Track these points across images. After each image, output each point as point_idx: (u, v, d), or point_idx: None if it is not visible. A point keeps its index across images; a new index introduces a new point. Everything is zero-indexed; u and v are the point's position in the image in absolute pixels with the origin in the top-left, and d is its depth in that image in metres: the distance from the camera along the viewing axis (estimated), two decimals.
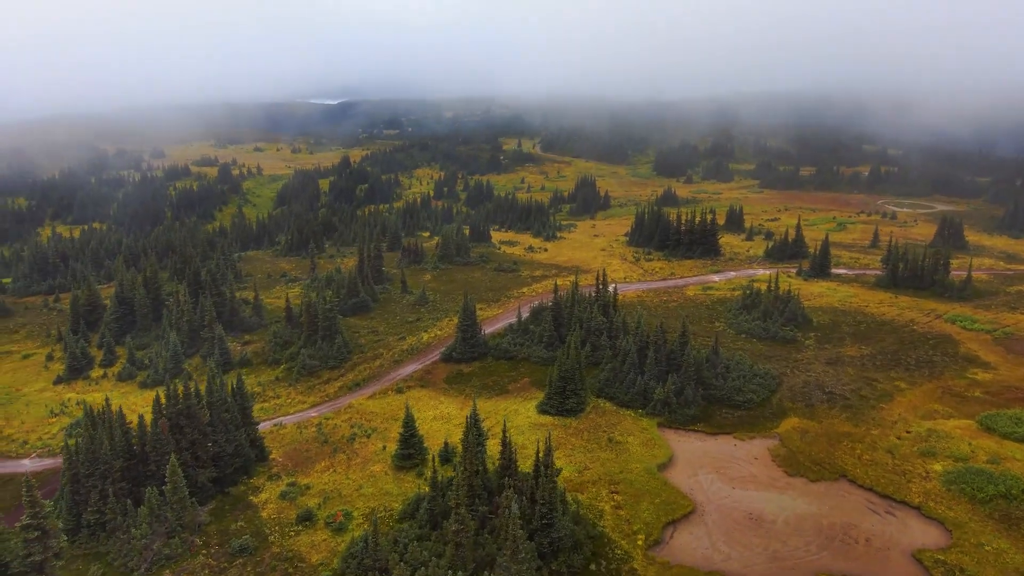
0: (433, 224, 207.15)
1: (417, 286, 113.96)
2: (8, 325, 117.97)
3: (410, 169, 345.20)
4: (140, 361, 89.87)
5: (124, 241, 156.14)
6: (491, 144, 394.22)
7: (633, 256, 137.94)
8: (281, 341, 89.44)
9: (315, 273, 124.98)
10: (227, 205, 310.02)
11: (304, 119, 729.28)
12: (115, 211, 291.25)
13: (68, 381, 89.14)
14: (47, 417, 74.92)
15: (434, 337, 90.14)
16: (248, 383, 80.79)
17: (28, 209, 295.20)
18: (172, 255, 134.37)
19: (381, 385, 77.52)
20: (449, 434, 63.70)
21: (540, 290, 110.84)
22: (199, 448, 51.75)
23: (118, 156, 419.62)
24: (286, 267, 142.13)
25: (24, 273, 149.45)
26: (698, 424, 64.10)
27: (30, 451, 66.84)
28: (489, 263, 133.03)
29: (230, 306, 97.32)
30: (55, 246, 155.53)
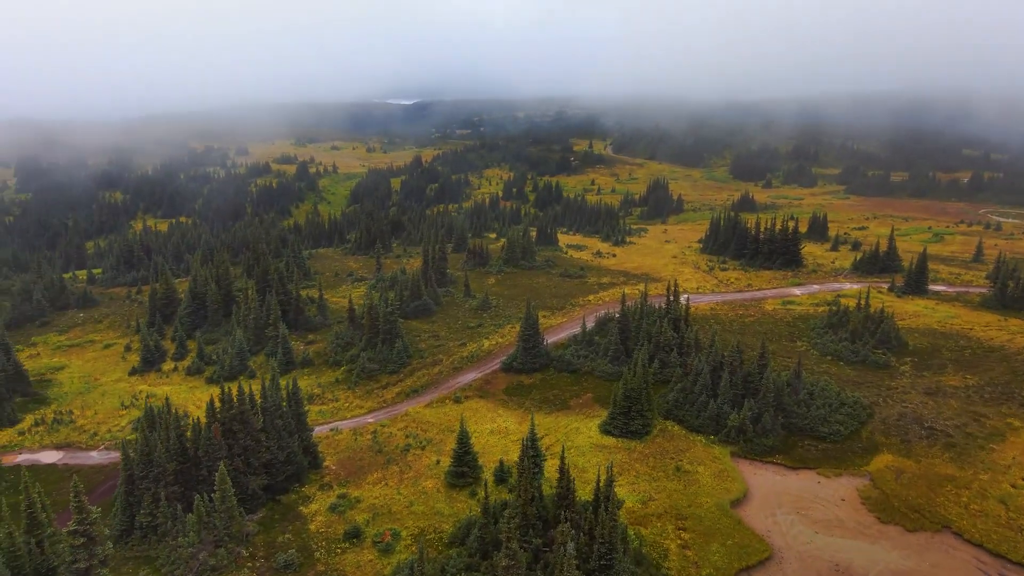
0: (500, 225, 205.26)
1: (480, 290, 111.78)
2: (93, 315, 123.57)
3: (480, 169, 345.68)
4: (208, 356, 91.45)
5: (203, 236, 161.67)
6: (562, 145, 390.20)
7: (707, 265, 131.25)
8: (343, 342, 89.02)
9: (380, 273, 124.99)
10: (303, 202, 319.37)
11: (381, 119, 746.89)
12: (200, 206, 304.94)
13: (142, 373, 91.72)
14: (118, 409, 76.82)
15: (495, 344, 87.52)
16: (308, 384, 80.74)
17: (123, 203, 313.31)
18: (246, 252, 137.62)
19: (439, 393, 75.47)
20: (506, 451, 60.76)
21: (607, 299, 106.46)
22: (251, 455, 50.86)
23: (206, 153, 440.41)
24: (353, 266, 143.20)
25: (111, 265, 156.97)
26: (777, 456, 58.59)
27: (99, 443, 68.37)
28: (555, 268, 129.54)
29: (295, 305, 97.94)
30: (141, 239, 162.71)
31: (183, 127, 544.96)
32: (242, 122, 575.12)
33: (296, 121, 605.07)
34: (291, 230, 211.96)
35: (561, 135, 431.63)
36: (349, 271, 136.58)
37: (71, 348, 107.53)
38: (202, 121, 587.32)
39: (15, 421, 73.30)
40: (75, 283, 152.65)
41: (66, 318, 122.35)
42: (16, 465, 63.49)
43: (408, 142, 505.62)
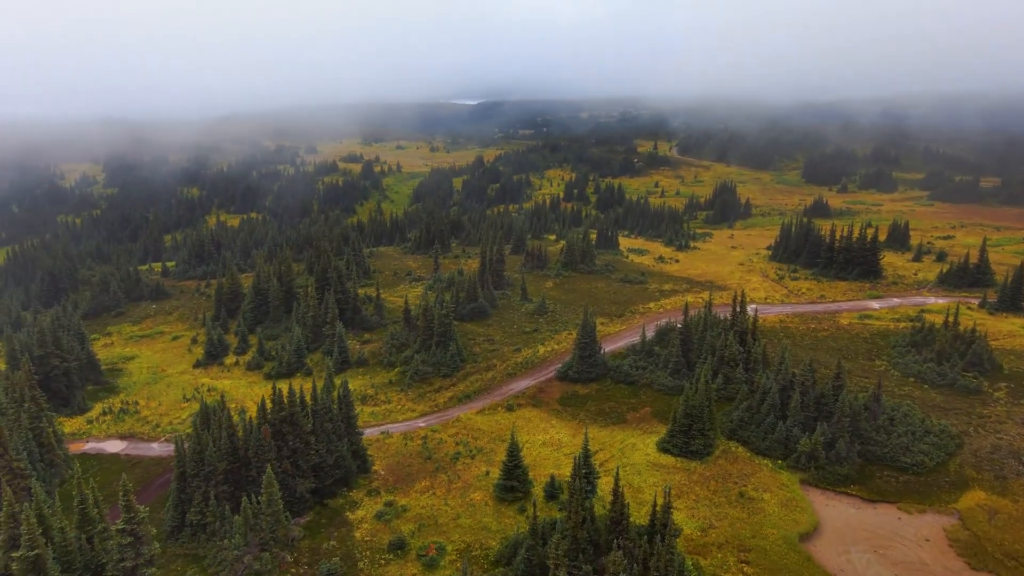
0: (560, 227, 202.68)
1: (537, 294, 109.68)
2: (164, 307, 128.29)
3: (541, 170, 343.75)
4: (268, 352, 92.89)
5: (270, 233, 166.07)
6: (625, 146, 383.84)
7: (776, 273, 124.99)
8: (397, 343, 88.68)
9: (438, 273, 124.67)
10: (367, 200, 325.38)
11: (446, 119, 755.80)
12: (270, 203, 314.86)
13: (205, 366, 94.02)
14: (180, 401, 78.67)
15: (551, 351, 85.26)
16: (362, 384, 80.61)
17: (200, 198, 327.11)
18: (308, 249, 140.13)
19: (491, 399, 73.83)
20: (558, 465, 58.49)
21: (669, 307, 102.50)
22: (300, 457, 50.48)
23: (278, 152, 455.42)
24: (412, 265, 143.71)
25: (184, 258, 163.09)
26: (852, 487, 54.05)
27: (160, 435, 69.99)
28: (615, 273, 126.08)
29: (353, 304, 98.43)
30: (212, 234, 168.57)
31: (259, 126, 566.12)
32: (313, 121, 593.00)
33: (364, 121, 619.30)
34: (354, 228, 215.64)
35: (625, 136, 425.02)
36: (408, 270, 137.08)
37: (142, 339, 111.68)
38: (277, 120, 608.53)
39: (85, 409, 76.05)
40: (151, 275, 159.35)
41: (140, 309, 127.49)
42: (83, 453, 65.58)
43: (471, 142, 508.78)
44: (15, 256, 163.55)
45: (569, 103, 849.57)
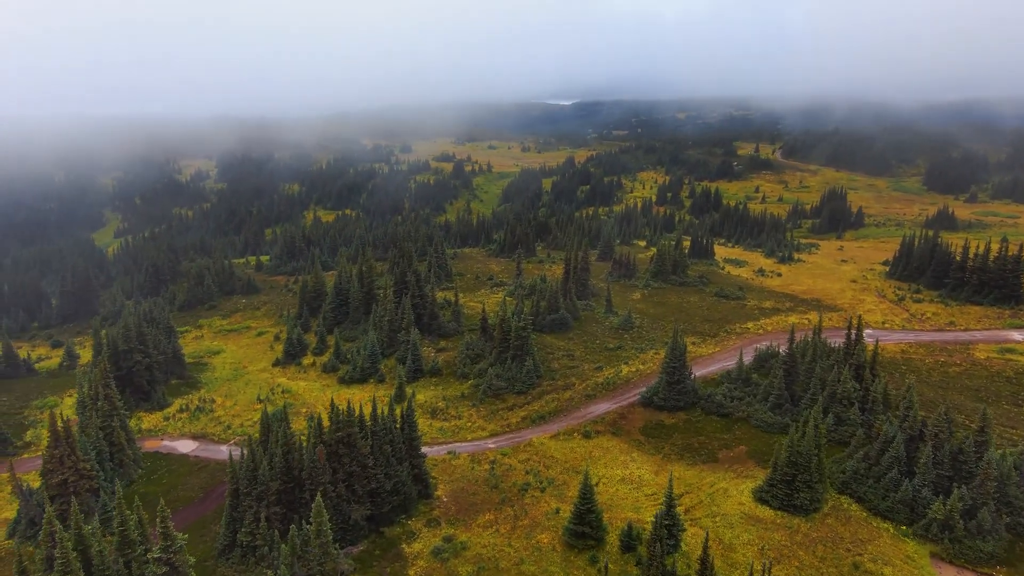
0: (651, 232, 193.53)
1: (623, 306, 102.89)
2: (254, 301, 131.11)
3: (634, 172, 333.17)
4: (344, 355, 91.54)
5: (358, 231, 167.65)
6: (724, 148, 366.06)
7: (895, 293, 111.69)
8: (472, 354, 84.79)
9: (519, 279, 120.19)
10: (457, 199, 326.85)
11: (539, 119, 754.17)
12: (364, 200, 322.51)
13: (283, 365, 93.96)
14: (254, 403, 78.16)
15: (635, 372, 78.56)
16: (433, 396, 77.19)
17: (299, 194, 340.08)
18: (392, 249, 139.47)
19: (567, 423, 68.28)
20: (637, 507, 52.25)
21: (770, 327, 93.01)
22: (356, 481, 47.11)
23: (375, 150, 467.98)
24: (495, 268, 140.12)
25: (276, 253, 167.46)
26: (998, 568, 44.58)
27: (231, 437, 69.31)
28: (709, 286, 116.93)
29: (430, 309, 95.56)
30: (304, 231, 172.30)
31: (359, 125, 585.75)
32: (410, 120, 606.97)
33: (459, 120, 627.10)
34: (441, 227, 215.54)
35: (725, 138, 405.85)
36: (490, 274, 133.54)
37: (230, 333, 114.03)
38: (376, 119, 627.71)
39: (164, 405, 76.89)
40: (246, 268, 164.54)
41: (231, 303, 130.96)
42: (155, 452, 65.67)
43: (563, 142, 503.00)
44: (126, 247, 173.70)
45: (667, 103, 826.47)
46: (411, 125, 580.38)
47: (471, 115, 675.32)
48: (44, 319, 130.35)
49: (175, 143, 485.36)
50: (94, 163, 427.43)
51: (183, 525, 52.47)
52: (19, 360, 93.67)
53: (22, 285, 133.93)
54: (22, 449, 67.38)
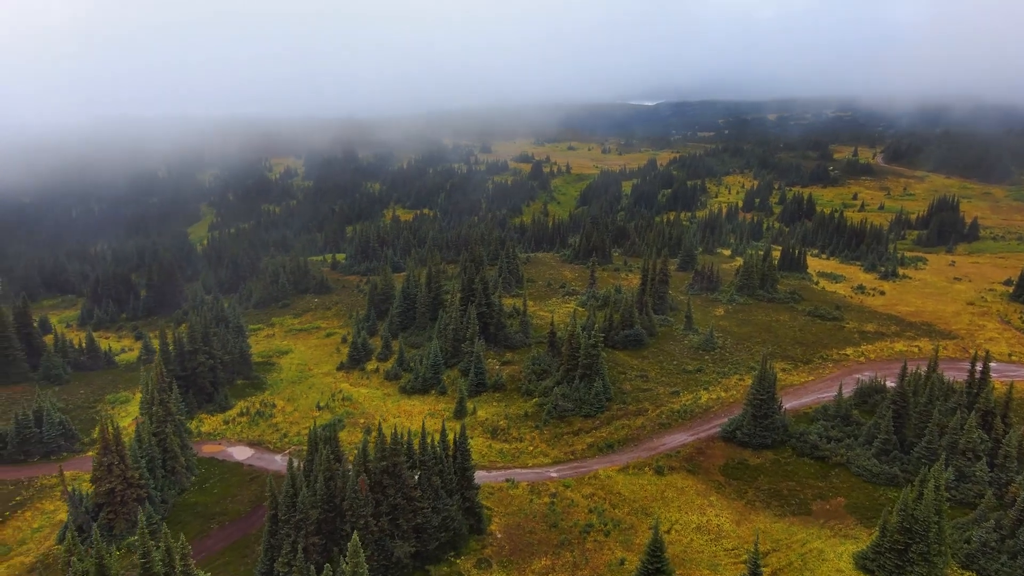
0: (737, 241, 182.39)
1: (705, 323, 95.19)
2: (325, 301, 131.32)
3: (719, 175, 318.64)
4: (407, 363, 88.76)
5: (431, 232, 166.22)
6: (819, 152, 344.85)
7: (1022, 319, 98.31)
8: (538, 369, 79.90)
9: (593, 289, 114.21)
10: (534, 201, 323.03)
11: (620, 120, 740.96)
12: (442, 200, 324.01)
13: (347, 370, 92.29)
14: (313, 409, 76.35)
15: (716, 400, 71.37)
16: (494, 413, 72.89)
17: (379, 193, 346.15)
18: (463, 252, 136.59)
19: (638, 454, 62.22)
20: (714, 564, 45.82)
21: (872, 355, 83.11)
22: (401, 515, 43.27)
23: (454, 150, 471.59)
24: (568, 275, 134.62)
25: (352, 253, 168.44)
26: None
27: (286, 446, 67.48)
28: (801, 303, 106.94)
29: (497, 318, 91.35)
30: (378, 230, 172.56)
31: (441, 125, 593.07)
32: (492, 121, 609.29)
33: (539, 121, 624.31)
34: (516, 230, 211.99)
35: (820, 140, 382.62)
36: (562, 282, 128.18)
37: (300, 333, 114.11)
38: (457, 119, 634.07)
39: (226, 407, 76.27)
40: (322, 267, 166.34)
41: (303, 302, 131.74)
42: (211, 458, 64.56)
43: (645, 144, 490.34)
44: (212, 242, 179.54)
45: (757, 104, 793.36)
46: (492, 125, 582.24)
47: (552, 116, 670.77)
48: (131, 311, 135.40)
49: (266, 142, 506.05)
50: (194, 161, 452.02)
51: (227, 542, 50.44)
52: (100, 352, 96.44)
53: (115, 277, 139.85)
54: (88, 446, 67.93)
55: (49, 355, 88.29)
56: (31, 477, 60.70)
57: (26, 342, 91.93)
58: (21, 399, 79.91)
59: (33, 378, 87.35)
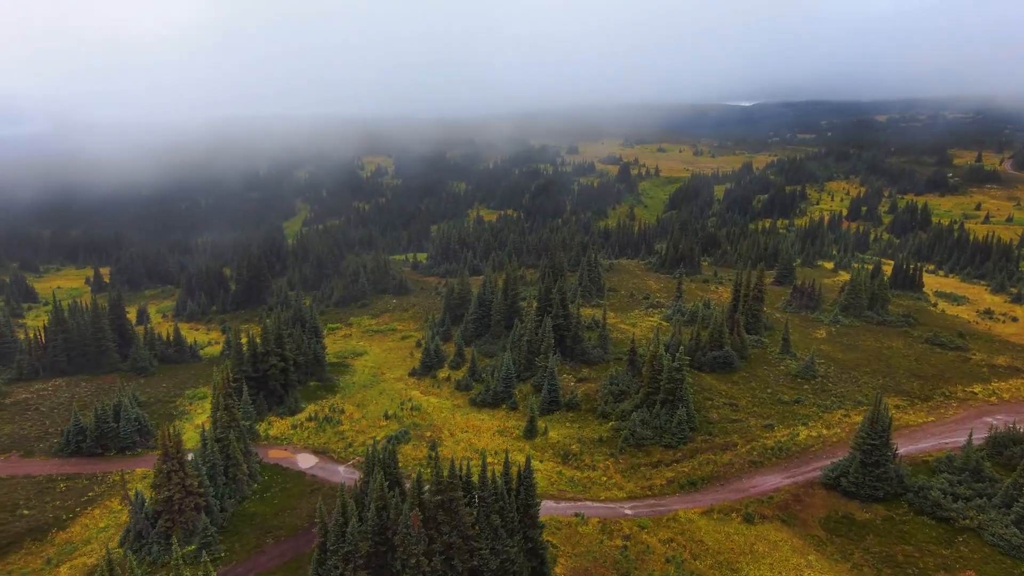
0: (841, 253, 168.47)
1: (804, 346, 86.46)
2: (403, 303, 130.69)
3: (821, 181, 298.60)
4: (479, 373, 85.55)
5: (511, 235, 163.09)
6: (937, 156, 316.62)
7: None
8: (616, 390, 74.45)
9: (679, 303, 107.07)
10: (620, 204, 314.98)
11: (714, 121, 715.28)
12: (526, 201, 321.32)
13: (419, 376, 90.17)
14: (381, 418, 74.33)
15: (816, 438, 63.57)
16: (567, 436, 68.20)
17: (465, 193, 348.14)
18: (543, 257, 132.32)
19: (724, 496, 55.82)
20: None
21: (1007, 394, 72.15)
22: (456, 555, 39.53)
23: (541, 151, 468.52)
24: (652, 286, 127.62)
25: (432, 254, 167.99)
26: None
27: (349, 457, 65.58)
28: (917, 328, 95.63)
29: (574, 331, 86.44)
30: (459, 231, 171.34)
31: (529, 125, 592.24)
32: (580, 121, 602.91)
33: (628, 121, 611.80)
34: (600, 234, 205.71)
35: (936, 144, 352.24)
36: (646, 292, 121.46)
37: (376, 334, 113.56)
38: (546, 120, 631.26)
39: (295, 410, 75.55)
40: (403, 266, 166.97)
41: (382, 302, 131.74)
42: (275, 464, 63.51)
43: (741, 146, 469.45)
44: (300, 238, 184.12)
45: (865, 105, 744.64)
46: (581, 126, 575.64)
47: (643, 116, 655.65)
48: (221, 304, 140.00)
49: (359, 141, 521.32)
50: (293, 158, 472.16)
51: (280, 560, 48.56)
52: (185, 345, 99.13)
53: (208, 270, 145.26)
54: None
55: (138, 347, 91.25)
56: (105, 472, 61.64)
57: (119, 333, 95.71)
58: (109, 389, 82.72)
59: (123, 368, 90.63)
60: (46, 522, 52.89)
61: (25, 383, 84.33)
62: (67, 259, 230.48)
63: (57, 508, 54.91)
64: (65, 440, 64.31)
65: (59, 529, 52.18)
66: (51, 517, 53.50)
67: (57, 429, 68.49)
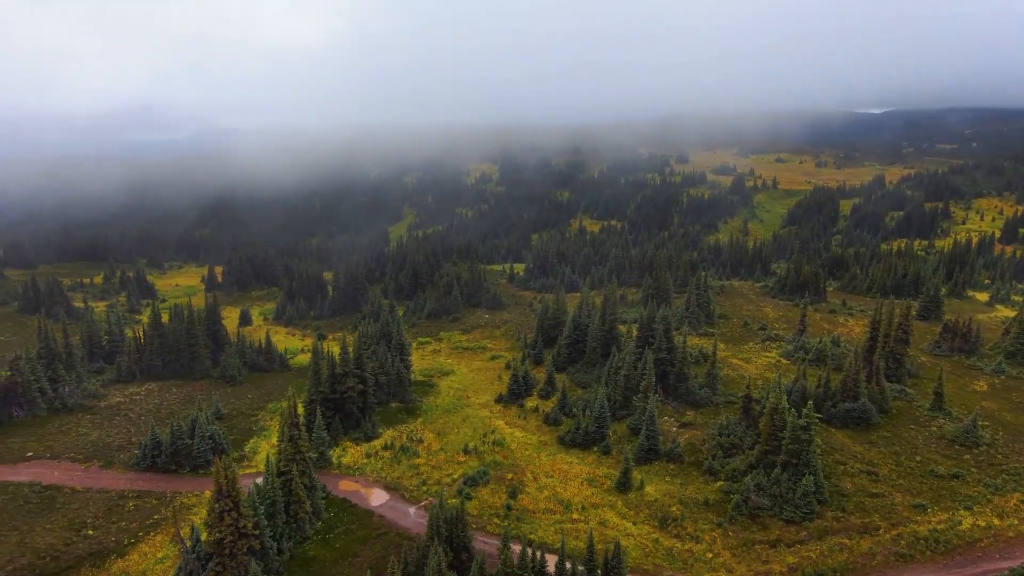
0: (996, 283, 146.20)
1: (961, 401, 72.11)
2: (495, 319, 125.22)
3: (968, 198, 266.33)
4: (569, 407, 77.91)
5: (613, 251, 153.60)
6: None
7: None
8: (727, 442, 64.41)
9: (803, 338, 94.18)
10: (733, 218, 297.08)
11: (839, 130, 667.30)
12: (631, 211, 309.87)
13: (505, 403, 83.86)
14: (460, 453, 68.42)
15: (985, 529, 50.81)
16: (665, 493, 59.15)
17: (568, 202, 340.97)
18: (648, 277, 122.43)
19: None
20: None
21: None
22: None
23: (649, 159, 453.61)
24: (770, 314, 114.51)
25: (529, 266, 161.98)
26: None
27: (422, 497, 59.96)
28: None
29: (679, 367, 76.75)
30: (557, 244, 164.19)
31: (637, 133, 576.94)
32: (691, 130, 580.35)
33: (744, 130, 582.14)
34: (710, 250, 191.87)
35: None
36: (762, 321, 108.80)
37: (465, 352, 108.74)
38: (654, 128, 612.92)
39: (372, 436, 71.19)
40: (499, 278, 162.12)
41: (474, 316, 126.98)
42: (343, 499, 58.99)
43: (870, 157, 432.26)
44: (399, 245, 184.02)
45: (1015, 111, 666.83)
46: (693, 134, 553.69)
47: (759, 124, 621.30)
48: (319, 310, 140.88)
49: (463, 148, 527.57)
50: (402, 163, 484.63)
51: None
52: (275, 354, 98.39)
53: (307, 275, 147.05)
54: (237, 463, 66.22)
55: (228, 355, 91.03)
56: (175, 492, 59.58)
57: (213, 338, 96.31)
58: (196, 397, 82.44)
59: (213, 375, 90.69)
60: (107, 546, 50.82)
61: (122, 385, 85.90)
62: (189, 257, 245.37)
63: (121, 531, 52.89)
64: (142, 454, 63.18)
65: (118, 556, 49.88)
66: (113, 541, 51.42)
67: (139, 439, 67.76)
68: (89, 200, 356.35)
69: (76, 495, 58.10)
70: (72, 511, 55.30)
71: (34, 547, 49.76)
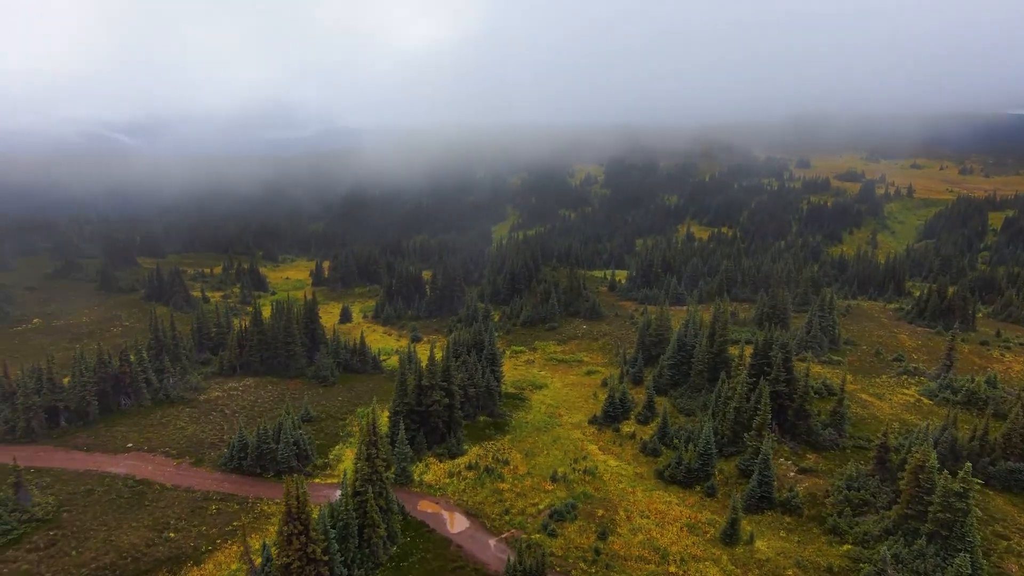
0: None
1: None
2: (593, 330, 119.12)
3: None
4: (670, 437, 70.99)
5: (724, 263, 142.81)
6: None
7: None
8: (855, 498, 55.34)
9: (949, 374, 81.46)
10: (859, 228, 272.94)
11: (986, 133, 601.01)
12: (744, 219, 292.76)
13: (600, 426, 78.10)
14: (547, 480, 63.56)
15: None
16: (780, 553, 51.36)
17: (675, 206, 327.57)
18: (762, 293, 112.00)
19: None
20: None
21: None
22: None
23: (766, 164, 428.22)
24: (906, 342, 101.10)
25: (632, 274, 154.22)
26: None
27: (503, 528, 55.54)
28: None
29: (799, 402, 67.74)
30: (663, 252, 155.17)
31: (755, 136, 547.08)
32: (809, 133, 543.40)
33: (874, 132, 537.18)
34: (833, 264, 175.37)
35: None
36: (897, 351, 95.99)
37: (560, 364, 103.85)
38: (770, 131, 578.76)
39: (456, 453, 67.67)
40: (600, 284, 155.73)
41: (571, 327, 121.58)
42: (421, 522, 55.68)
43: None
44: (500, 247, 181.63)
45: None
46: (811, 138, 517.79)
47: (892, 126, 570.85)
48: (416, 310, 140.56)
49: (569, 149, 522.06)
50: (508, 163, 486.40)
51: None
52: (368, 355, 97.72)
53: (407, 274, 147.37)
54: (320, 470, 64.91)
55: (322, 355, 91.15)
56: (257, 498, 58.74)
57: (310, 336, 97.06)
58: (288, 397, 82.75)
59: (307, 375, 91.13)
60: (186, 551, 50.21)
61: (223, 379, 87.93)
62: (301, 251, 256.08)
63: (200, 536, 52.29)
64: (229, 455, 63.09)
65: (194, 563, 49.06)
66: (191, 547, 50.79)
67: (229, 438, 68.05)
68: (229, 195, 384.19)
69: (164, 492, 58.55)
70: (158, 510, 55.54)
71: (118, 546, 49.96)
